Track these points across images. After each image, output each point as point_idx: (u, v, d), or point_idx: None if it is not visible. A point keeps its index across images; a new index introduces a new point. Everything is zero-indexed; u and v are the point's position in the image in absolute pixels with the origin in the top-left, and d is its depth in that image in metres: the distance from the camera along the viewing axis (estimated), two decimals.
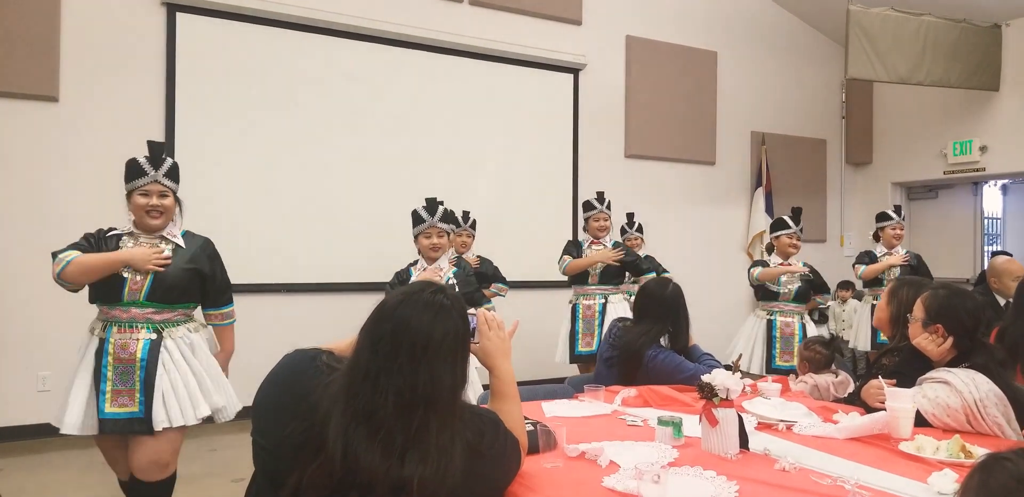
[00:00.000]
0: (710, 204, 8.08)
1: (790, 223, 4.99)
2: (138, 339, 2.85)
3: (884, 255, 5.76)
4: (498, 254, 5.94)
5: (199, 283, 3.03)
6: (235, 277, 5.55)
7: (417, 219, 3.97)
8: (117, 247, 2.89)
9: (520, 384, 1.91)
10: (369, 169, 6.15)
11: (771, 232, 5.17)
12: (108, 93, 5.26)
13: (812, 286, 4.95)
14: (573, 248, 5.24)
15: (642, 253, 5.96)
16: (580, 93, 7.28)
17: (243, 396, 1.61)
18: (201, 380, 2.94)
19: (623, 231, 6.43)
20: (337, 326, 1.91)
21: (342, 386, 1.49)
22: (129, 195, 2.93)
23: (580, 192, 7.09)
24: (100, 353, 2.82)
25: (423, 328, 1.50)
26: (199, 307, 3.11)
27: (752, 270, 4.94)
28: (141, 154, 2.95)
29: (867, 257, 5.83)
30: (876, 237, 5.93)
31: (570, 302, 5.30)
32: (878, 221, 5.91)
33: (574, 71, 7.23)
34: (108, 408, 2.79)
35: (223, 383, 3.03)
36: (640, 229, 6.53)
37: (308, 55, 5.96)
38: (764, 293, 4.95)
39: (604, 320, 5.11)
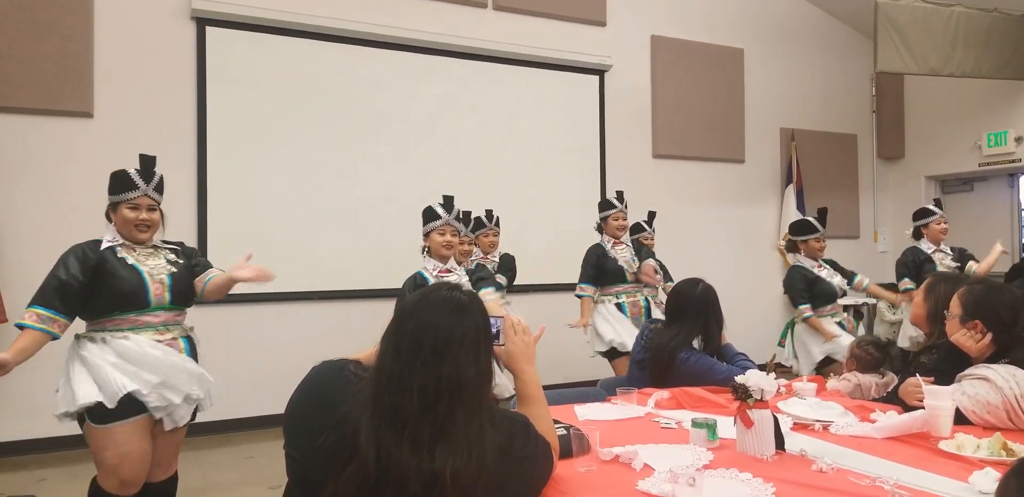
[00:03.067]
0: (740, 203, 8.01)
1: (817, 226, 4.95)
2: (176, 338, 2.94)
3: (934, 252, 5.49)
4: (526, 257, 5.94)
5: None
6: (261, 285, 5.66)
7: (432, 215, 3.94)
8: (117, 258, 2.86)
9: (550, 388, 1.91)
10: (398, 176, 6.19)
11: (797, 235, 5.05)
12: (141, 107, 5.35)
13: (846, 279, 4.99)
14: (595, 259, 5.15)
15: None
16: (606, 94, 7.27)
17: (271, 404, 1.64)
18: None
19: (641, 228, 6.22)
20: (368, 332, 1.93)
21: (369, 392, 1.51)
22: (115, 206, 2.92)
23: (608, 194, 7.06)
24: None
25: (444, 325, 1.53)
26: None
27: (802, 308, 4.89)
28: (132, 166, 2.95)
29: (913, 257, 5.49)
30: (917, 234, 5.60)
31: (599, 302, 5.20)
32: (921, 217, 5.58)
33: (600, 72, 7.21)
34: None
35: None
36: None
37: (335, 64, 6.02)
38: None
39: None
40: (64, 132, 5.13)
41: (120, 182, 2.92)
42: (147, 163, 3.00)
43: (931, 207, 5.59)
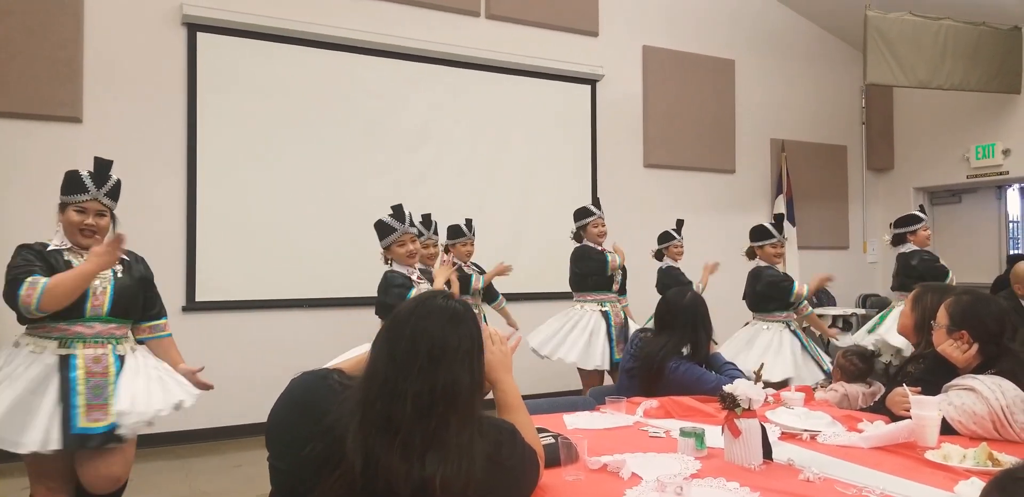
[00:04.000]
0: (730, 212, 8.04)
1: (774, 232, 4.97)
2: (107, 354, 2.77)
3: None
4: (518, 265, 5.94)
5: (143, 296, 2.97)
6: (252, 292, 5.66)
7: (387, 229, 3.85)
8: (64, 262, 2.75)
9: (543, 396, 1.91)
10: (389, 184, 6.18)
11: (754, 240, 5.05)
12: (131, 113, 5.33)
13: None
14: (591, 254, 5.18)
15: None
16: (598, 104, 7.29)
17: (260, 413, 1.64)
18: (164, 382, 2.87)
19: (671, 237, 6.20)
20: (360, 340, 1.93)
21: (358, 398, 1.51)
22: (63, 207, 2.83)
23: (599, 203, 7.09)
24: (64, 369, 2.68)
25: (440, 333, 1.54)
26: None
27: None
28: (86, 168, 2.86)
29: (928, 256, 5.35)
30: (899, 241, 5.51)
31: (582, 307, 5.21)
32: (907, 224, 5.48)
33: (592, 82, 7.24)
34: (81, 423, 2.65)
35: (179, 379, 2.95)
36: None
37: (327, 71, 6.02)
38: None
39: (628, 329, 5.12)
40: (53, 137, 5.11)
41: (71, 183, 2.83)
42: (101, 166, 2.88)
43: (918, 213, 5.55)
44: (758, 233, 5.04)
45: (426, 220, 5.21)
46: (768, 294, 4.86)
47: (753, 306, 5.04)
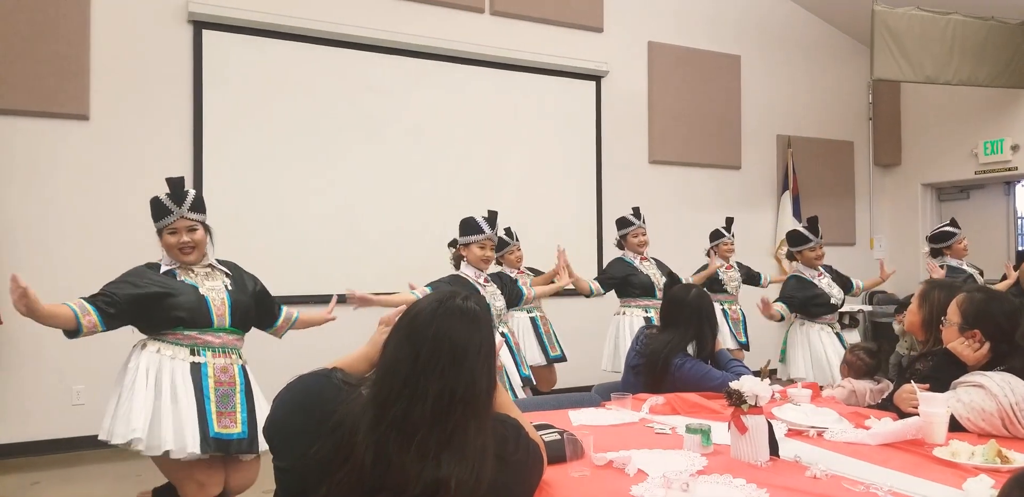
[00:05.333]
0: (736, 209, 8.00)
1: (810, 236, 4.94)
2: (233, 364, 2.95)
3: (968, 265, 5.45)
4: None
5: (257, 307, 3.13)
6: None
7: (475, 228, 3.97)
8: (178, 279, 2.91)
9: (549, 393, 1.91)
10: (393, 180, 6.18)
11: (793, 246, 5.04)
12: (137, 110, 5.34)
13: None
14: (621, 272, 5.18)
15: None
16: (603, 100, 7.27)
17: (266, 409, 1.64)
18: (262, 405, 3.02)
19: (720, 235, 6.25)
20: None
21: (372, 395, 1.50)
22: (160, 233, 2.96)
23: (604, 199, 7.07)
24: (197, 376, 2.84)
25: (462, 334, 1.54)
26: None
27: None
28: (163, 191, 2.96)
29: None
30: (937, 254, 5.47)
31: (625, 314, 5.21)
32: (942, 240, 5.44)
33: (596, 78, 7.22)
34: (217, 429, 2.83)
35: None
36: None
37: (331, 68, 6.02)
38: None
39: None
40: (59, 134, 5.11)
41: (155, 209, 2.96)
42: (175, 185, 2.99)
43: (949, 228, 5.46)
44: (796, 239, 5.04)
45: (508, 232, 5.44)
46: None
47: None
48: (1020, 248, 8.08)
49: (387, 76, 6.24)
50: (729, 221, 6.33)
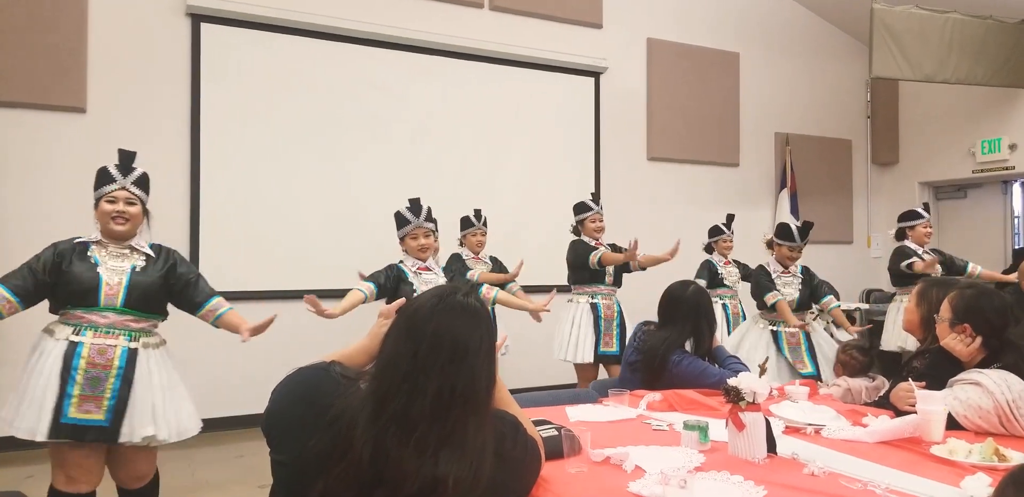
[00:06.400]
0: (734, 206, 7.99)
1: (796, 236, 5.00)
2: (116, 346, 2.78)
3: (924, 252, 5.60)
4: (519, 258, 5.93)
5: (167, 294, 2.99)
6: (254, 283, 5.66)
7: (402, 220, 3.94)
8: (85, 255, 2.83)
9: (545, 389, 1.91)
10: (393, 175, 6.17)
11: (777, 238, 5.11)
12: (134, 103, 5.32)
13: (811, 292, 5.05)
14: (583, 248, 5.15)
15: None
16: (601, 96, 7.26)
17: (261, 403, 1.63)
18: (166, 398, 2.88)
19: (720, 231, 6.30)
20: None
21: (371, 390, 1.49)
22: (97, 203, 2.89)
23: (603, 195, 7.06)
24: (69, 356, 2.72)
25: (463, 330, 1.52)
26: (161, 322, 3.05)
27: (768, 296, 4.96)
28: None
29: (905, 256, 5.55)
30: (901, 235, 5.78)
31: (574, 301, 5.21)
32: (908, 219, 5.77)
33: (595, 74, 7.21)
34: (72, 413, 2.68)
35: (184, 404, 2.98)
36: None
37: (330, 63, 6.00)
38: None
39: (623, 321, 5.14)
40: (56, 127, 5.10)
41: (100, 177, 2.92)
42: (126, 157, 2.96)
43: (919, 210, 5.74)
44: (782, 232, 5.10)
45: (477, 214, 5.45)
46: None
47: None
48: (1016, 247, 8.09)
49: (385, 71, 6.22)
50: (730, 218, 6.35)
